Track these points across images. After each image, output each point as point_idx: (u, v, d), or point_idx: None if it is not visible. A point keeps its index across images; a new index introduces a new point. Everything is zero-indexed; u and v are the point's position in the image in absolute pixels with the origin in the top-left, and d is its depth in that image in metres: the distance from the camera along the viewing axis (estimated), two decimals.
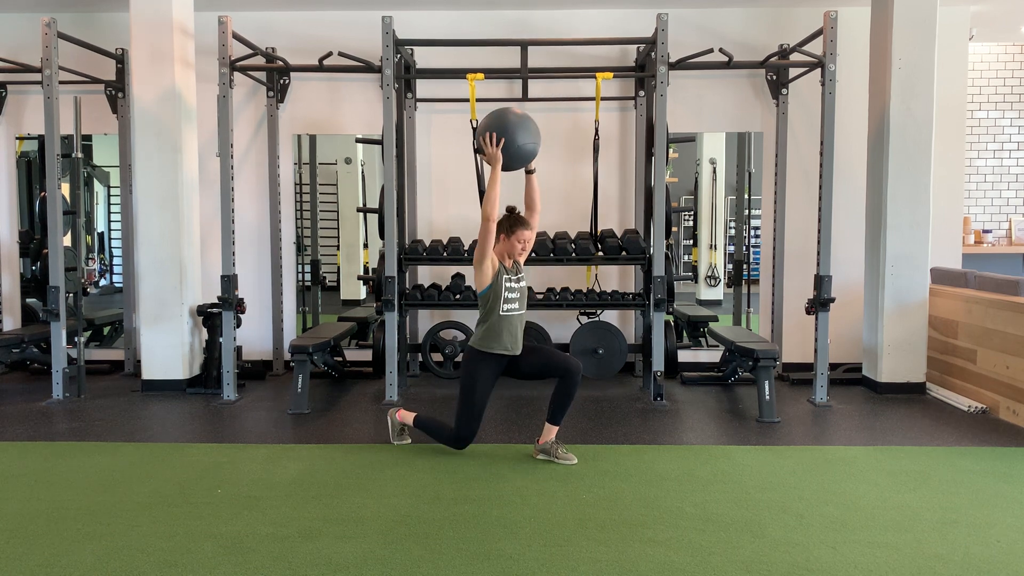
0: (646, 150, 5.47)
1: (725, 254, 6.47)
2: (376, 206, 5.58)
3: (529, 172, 3.86)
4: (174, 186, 5.21)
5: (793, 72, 5.65)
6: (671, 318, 5.49)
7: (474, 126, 5.13)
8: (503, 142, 3.64)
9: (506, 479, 3.53)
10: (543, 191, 5.92)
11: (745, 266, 6.28)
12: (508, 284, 3.73)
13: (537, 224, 3.87)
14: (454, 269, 5.63)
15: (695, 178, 6.46)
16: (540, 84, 5.83)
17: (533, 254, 5.20)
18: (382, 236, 5.22)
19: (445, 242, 5.42)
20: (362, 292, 6.64)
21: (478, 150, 3.72)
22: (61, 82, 5.15)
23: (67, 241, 5.49)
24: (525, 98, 5.76)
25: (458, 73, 5.35)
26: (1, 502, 3.25)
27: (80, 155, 5.77)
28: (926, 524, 3.02)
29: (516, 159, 3.72)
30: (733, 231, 6.42)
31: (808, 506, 3.20)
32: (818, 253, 5.01)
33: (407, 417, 4.02)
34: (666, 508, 3.17)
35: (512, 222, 3.74)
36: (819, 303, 4.96)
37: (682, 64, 5.12)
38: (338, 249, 6.56)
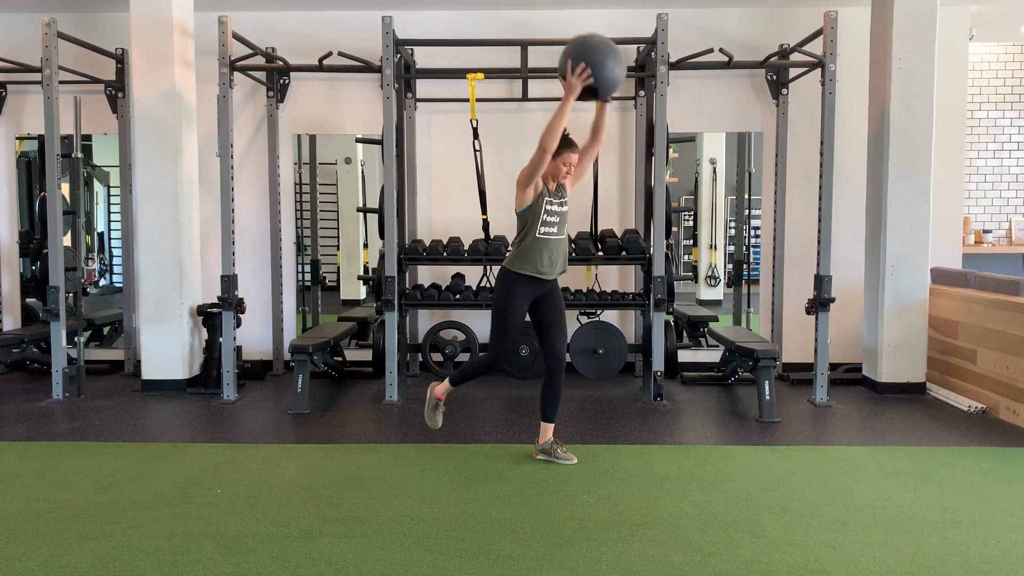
0: (646, 150, 5.47)
1: (725, 254, 6.47)
2: (376, 206, 5.57)
3: (605, 101, 3.71)
4: (174, 186, 5.21)
5: (793, 72, 5.65)
6: (671, 318, 5.49)
7: (474, 126, 5.13)
8: (589, 75, 3.40)
9: (506, 479, 3.53)
10: None
11: (745, 266, 6.28)
12: (548, 207, 3.65)
13: (595, 153, 3.82)
14: (454, 269, 5.63)
15: (695, 178, 6.46)
16: (540, 84, 5.82)
17: None
18: (382, 236, 5.22)
19: (445, 242, 5.42)
20: (362, 292, 6.64)
21: (561, 76, 3.49)
22: (61, 82, 5.15)
23: (67, 241, 5.49)
24: (525, 98, 5.77)
25: (458, 73, 5.35)
26: (1, 502, 3.25)
27: (80, 155, 5.78)
28: (926, 524, 3.02)
29: (601, 87, 3.49)
30: (733, 231, 6.42)
31: (808, 506, 3.20)
32: (818, 253, 5.01)
33: (443, 389, 3.91)
34: (666, 508, 3.17)
35: (561, 142, 3.59)
36: (819, 303, 4.96)
37: (682, 64, 5.12)
38: (338, 249, 6.56)
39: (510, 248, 3.80)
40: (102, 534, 2.92)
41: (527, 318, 3.83)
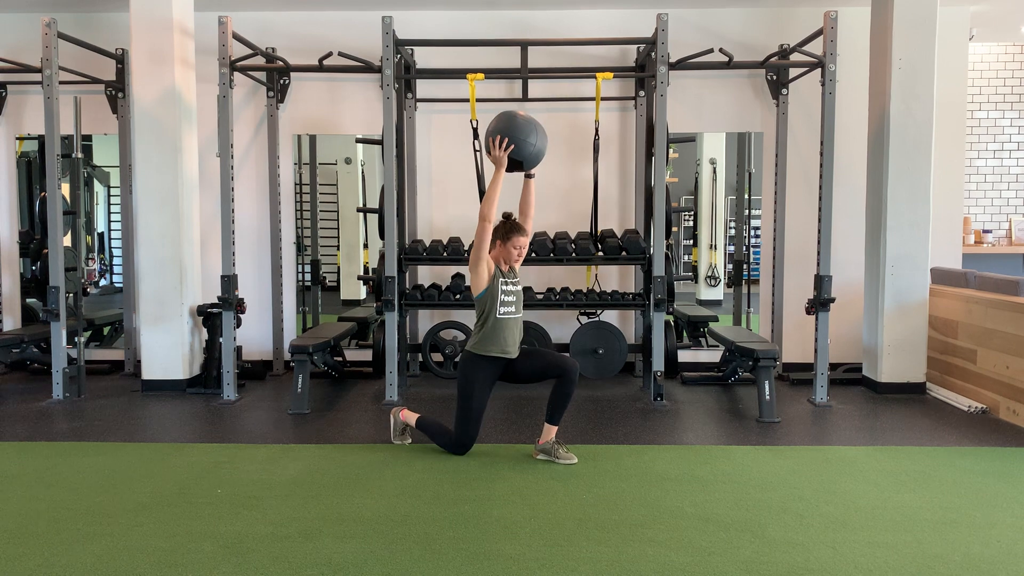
0: (646, 150, 5.47)
1: (725, 254, 6.47)
2: (376, 206, 5.58)
3: (529, 176, 3.89)
4: (174, 186, 5.21)
5: (793, 72, 5.65)
6: (671, 318, 5.49)
7: (474, 126, 5.13)
8: (510, 147, 3.68)
9: (506, 479, 3.53)
10: (543, 191, 5.96)
11: (745, 266, 6.28)
12: (504, 288, 3.74)
13: (531, 230, 3.91)
14: (454, 269, 5.63)
15: (695, 178, 6.46)
16: (540, 84, 5.83)
17: (533, 254, 5.20)
18: (382, 236, 5.22)
19: (445, 242, 5.42)
20: (362, 292, 6.64)
21: (487, 151, 3.78)
22: (61, 82, 5.15)
23: (67, 241, 5.49)
24: (525, 98, 5.77)
25: (458, 73, 5.35)
26: (1, 502, 3.25)
27: (80, 155, 5.78)
28: (926, 524, 3.02)
29: (525, 160, 3.77)
30: (733, 231, 6.42)
31: (808, 506, 3.20)
32: (818, 253, 5.01)
33: (410, 418, 4.03)
34: (666, 508, 3.18)
35: (508, 228, 3.77)
36: (819, 303, 4.96)
37: (682, 64, 5.12)
38: (338, 249, 6.56)
39: (471, 333, 3.86)
40: (102, 534, 2.92)
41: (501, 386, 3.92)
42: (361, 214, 6.38)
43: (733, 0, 5.76)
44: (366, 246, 6.52)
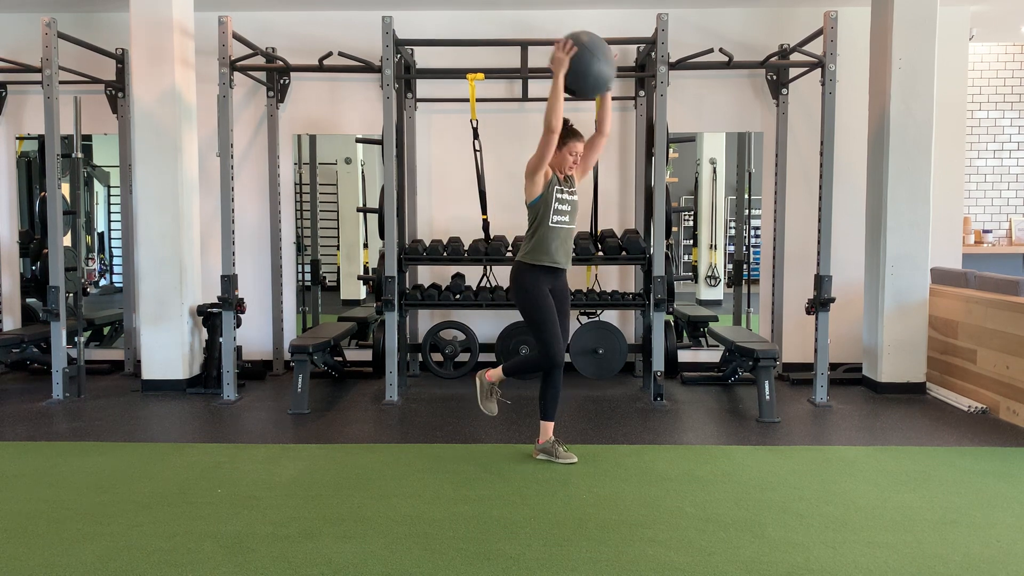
0: (646, 150, 5.47)
1: (725, 254, 6.47)
2: (376, 206, 5.57)
3: (605, 93, 3.71)
4: (174, 186, 5.21)
5: (793, 72, 5.65)
6: (671, 318, 5.48)
7: (474, 125, 5.13)
8: (575, 52, 3.45)
9: (506, 479, 3.53)
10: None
11: (745, 266, 6.28)
12: (559, 195, 3.66)
13: (600, 147, 3.80)
14: (454, 269, 5.63)
15: (695, 178, 6.46)
16: (540, 84, 5.82)
17: None
18: (382, 236, 5.22)
19: (445, 242, 5.42)
20: (362, 292, 6.64)
21: (551, 59, 3.51)
22: (61, 82, 5.15)
23: (67, 241, 5.49)
24: (525, 98, 5.77)
25: (458, 73, 5.35)
26: (1, 502, 3.25)
27: (80, 155, 5.77)
28: (926, 524, 3.02)
29: (588, 83, 3.54)
30: (733, 231, 6.42)
31: (808, 506, 3.20)
32: (818, 253, 5.01)
33: (495, 374, 3.91)
34: (666, 508, 3.17)
35: (565, 133, 3.62)
36: (819, 303, 4.96)
37: (682, 64, 5.12)
38: (338, 249, 6.56)
39: (522, 241, 3.78)
40: (102, 534, 2.92)
41: (519, 320, 3.83)
42: (361, 214, 6.38)
43: (733, 0, 5.76)
44: (366, 246, 6.52)
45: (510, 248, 5.30)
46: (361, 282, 6.59)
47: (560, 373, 3.76)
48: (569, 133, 3.66)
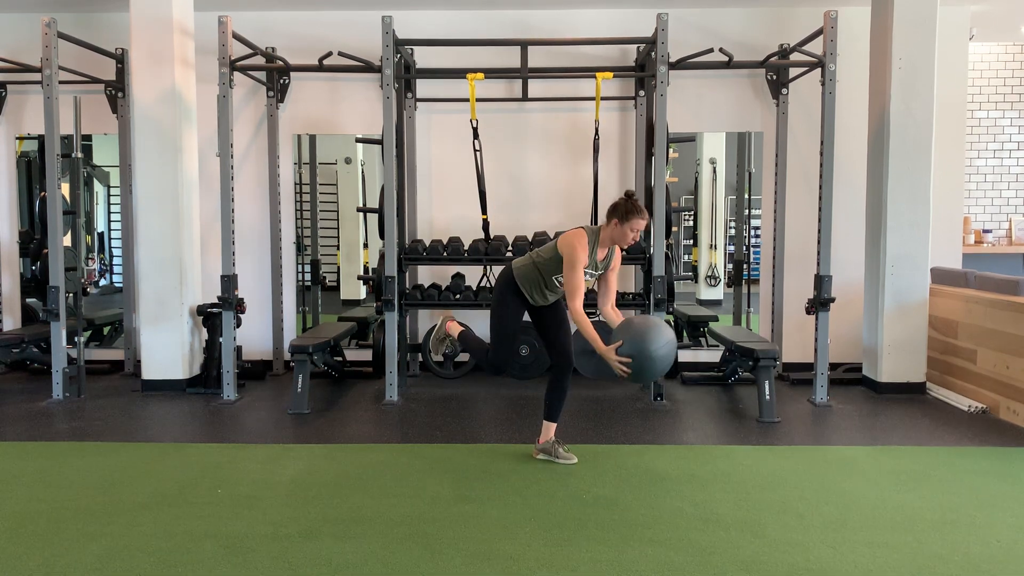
0: (646, 150, 5.47)
1: (725, 254, 6.47)
2: (376, 206, 5.57)
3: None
4: (174, 186, 5.21)
5: (793, 72, 5.65)
6: (671, 318, 5.48)
7: (474, 126, 5.13)
8: (627, 372, 3.50)
9: (506, 479, 3.53)
10: (543, 191, 5.96)
11: (745, 266, 6.28)
12: (585, 275, 3.60)
13: (618, 267, 3.77)
14: (454, 269, 5.63)
15: (695, 178, 6.46)
16: (540, 84, 5.83)
17: None
18: (382, 236, 5.22)
19: (445, 242, 5.42)
20: (362, 292, 6.64)
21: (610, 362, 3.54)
22: (61, 82, 5.15)
23: (67, 241, 5.49)
24: (525, 98, 5.77)
25: (458, 73, 5.35)
26: (1, 502, 3.25)
27: (80, 155, 5.78)
28: (926, 524, 3.02)
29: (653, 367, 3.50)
30: (733, 231, 6.42)
31: (808, 506, 3.20)
32: (818, 253, 5.01)
33: (454, 329, 3.96)
34: (666, 508, 3.17)
35: (628, 208, 3.52)
36: (819, 303, 4.96)
37: (682, 64, 5.12)
38: (338, 249, 6.56)
39: (532, 252, 3.74)
40: (102, 534, 2.92)
41: (528, 319, 3.84)
42: (361, 214, 6.38)
43: (733, 0, 5.76)
44: (366, 246, 6.51)
45: (510, 248, 5.29)
46: (361, 282, 6.59)
47: (569, 375, 3.76)
48: (633, 210, 3.52)
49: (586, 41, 5.63)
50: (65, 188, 5.76)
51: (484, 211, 5.36)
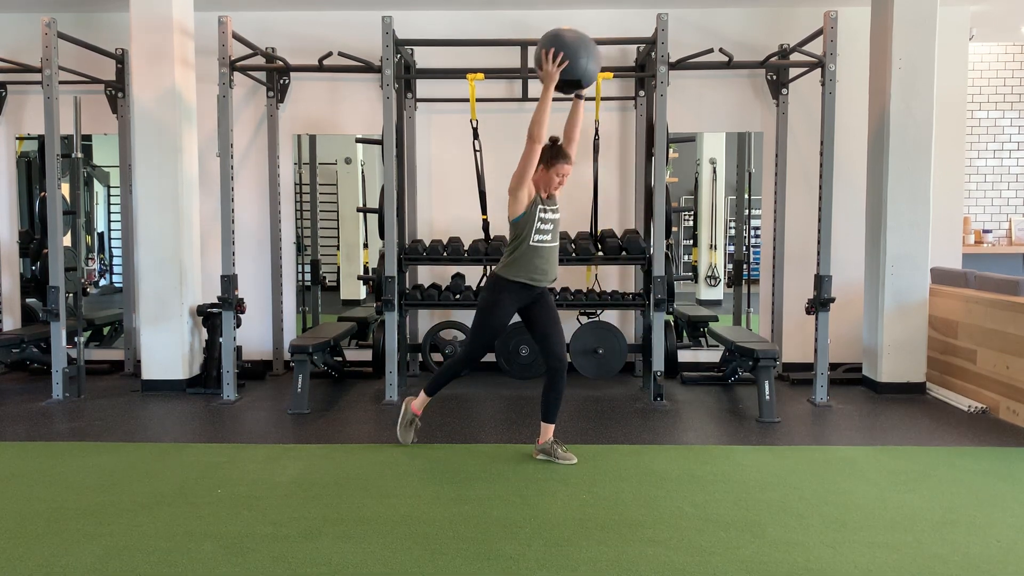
0: (646, 150, 5.47)
1: (725, 254, 6.47)
2: (376, 206, 5.58)
3: (579, 96, 3.74)
4: (174, 186, 5.21)
5: (793, 72, 5.65)
6: (671, 318, 5.49)
7: (474, 126, 5.13)
8: (564, 62, 3.49)
9: (506, 479, 3.53)
10: None
11: (745, 266, 6.28)
12: (542, 215, 3.67)
13: (574, 157, 3.78)
14: (454, 269, 5.63)
15: (695, 178, 6.46)
16: (540, 84, 5.81)
17: None
18: (382, 236, 5.22)
19: (445, 242, 5.42)
20: (362, 292, 6.64)
21: (537, 66, 3.58)
22: (61, 82, 5.15)
23: (67, 241, 5.49)
24: (525, 98, 5.77)
25: (458, 73, 5.35)
26: (1, 502, 3.25)
27: (80, 155, 5.78)
28: (926, 524, 3.02)
29: (580, 79, 3.57)
30: (733, 231, 6.42)
31: (808, 506, 3.20)
32: (818, 253, 5.02)
33: (420, 403, 3.96)
34: (666, 508, 3.18)
35: (553, 153, 3.63)
36: (819, 303, 4.96)
37: (682, 64, 5.12)
38: (338, 249, 6.57)
39: (504, 255, 3.79)
40: (102, 534, 2.92)
41: (518, 321, 3.84)
42: (361, 214, 6.38)
43: (733, 0, 5.76)
44: (366, 246, 6.52)
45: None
46: (361, 282, 6.59)
47: (563, 376, 3.76)
48: (559, 154, 3.65)
49: None
50: (65, 188, 5.76)
51: (484, 211, 5.36)
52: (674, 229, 6.26)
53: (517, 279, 3.68)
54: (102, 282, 6.64)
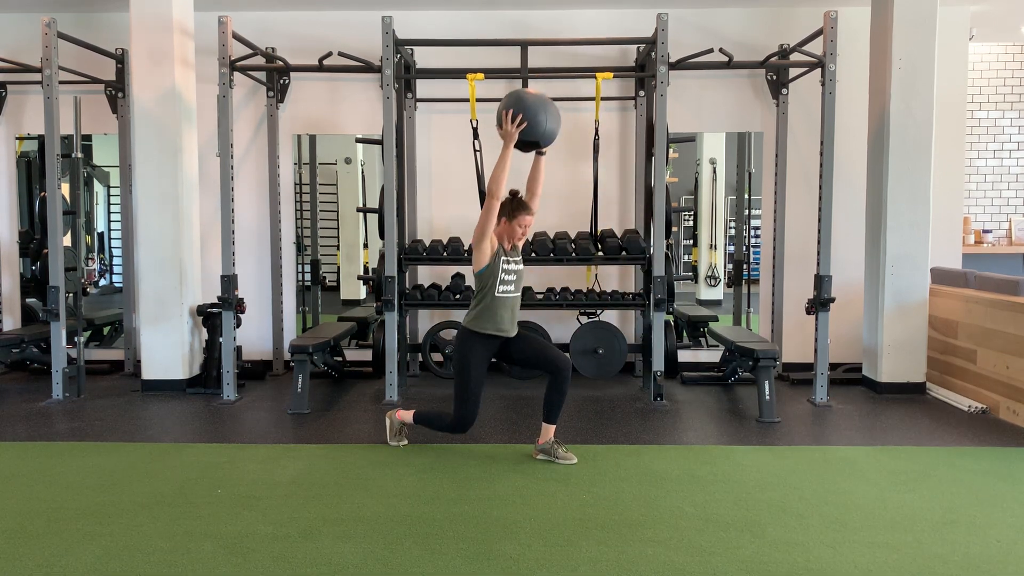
0: (646, 150, 5.47)
1: (725, 254, 6.47)
2: (376, 206, 5.58)
3: (540, 153, 3.82)
4: (174, 186, 5.21)
5: (793, 72, 5.65)
6: (671, 318, 5.49)
7: (474, 126, 5.13)
8: (523, 124, 3.60)
9: (506, 479, 3.53)
10: (543, 191, 5.93)
11: (745, 266, 6.28)
12: (505, 266, 3.72)
13: (537, 209, 3.84)
14: (454, 269, 5.63)
15: (695, 178, 6.46)
16: (540, 84, 5.82)
17: (533, 254, 5.20)
18: (382, 236, 5.22)
19: (445, 242, 5.42)
20: (362, 292, 6.64)
21: (498, 125, 3.68)
22: (61, 82, 5.15)
23: (67, 241, 5.49)
24: None
25: (458, 73, 5.35)
26: (1, 502, 3.25)
27: (80, 155, 5.78)
28: (926, 524, 3.02)
29: (538, 139, 3.69)
30: (733, 231, 6.42)
31: (808, 506, 3.20)
32: (818, 253, 5.01)
33: (406, 416, 4.02)
34: (666, 508, 3.18)
35: (515, 206, 3.73)
36: (819, 303, 4.96)
37: (682, 64, 5.12)
38: (338, 249, 6.57)
39: (469, 307, 3.84)
40: (102, 534, 2.92)
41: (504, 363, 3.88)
42: (361, 214, 6.38)
43: (733, 0, 5.76)
44: (366, 246, 6.52)
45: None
46: (361, 282, 6.59)
47: (568, 379, 3.77)
48: (519, 207, 3.73)
49: (586, 41, 5.63)
50: (65, 188, 5.76)
51: None
52: (674, 229, 6.26)
53: (485, 331, 3.74)
54: (102, 282, 6.64)
